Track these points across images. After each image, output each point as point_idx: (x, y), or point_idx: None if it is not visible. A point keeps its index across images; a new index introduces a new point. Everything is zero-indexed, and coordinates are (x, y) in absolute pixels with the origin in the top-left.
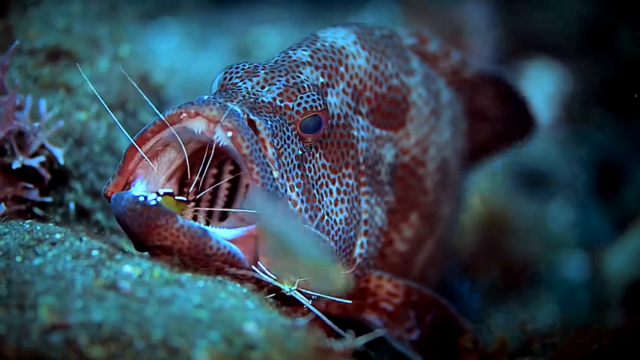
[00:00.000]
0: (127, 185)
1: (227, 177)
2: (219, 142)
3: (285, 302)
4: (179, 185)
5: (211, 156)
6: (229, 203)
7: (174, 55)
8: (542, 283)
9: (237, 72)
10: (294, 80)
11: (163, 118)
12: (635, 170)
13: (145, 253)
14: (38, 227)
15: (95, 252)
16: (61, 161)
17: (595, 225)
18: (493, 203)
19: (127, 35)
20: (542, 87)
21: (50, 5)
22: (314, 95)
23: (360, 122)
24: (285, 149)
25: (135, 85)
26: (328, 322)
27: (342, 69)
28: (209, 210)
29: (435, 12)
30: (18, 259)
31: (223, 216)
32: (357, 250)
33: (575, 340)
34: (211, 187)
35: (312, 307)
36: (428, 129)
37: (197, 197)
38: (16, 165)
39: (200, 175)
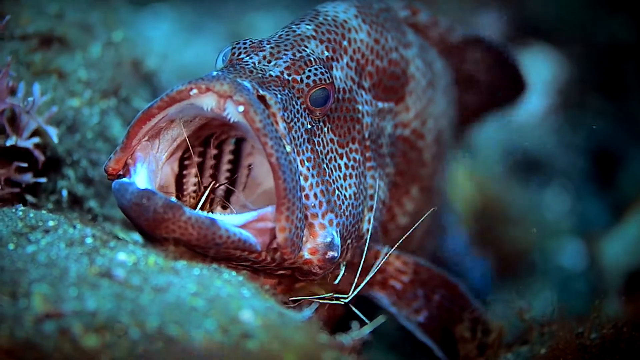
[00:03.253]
0: (126, 166)
1: (228, 157)
2: (229, 119)
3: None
4: (180, 164)
5: (213, 136)
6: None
7: (167, 41)
8: (537, 271)
9: (245, 48)
10: (300, 54)
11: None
12: (632, 157)
13: (139, 239)
14: (31, 214)
15: (89, 240)
16: (55, 140)
17: (592, 213)
18: (489, 190)
19: (120, 21)
20: (538, 73)
21: None
22: (321, 68)
23: (364, 97)
24: (295, 123)
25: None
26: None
27: (345, 42)
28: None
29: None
30: (11, 246)
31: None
32: (365, 226)
33: (574, 329)
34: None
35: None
36: (426, 100)
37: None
38: (10, 142)
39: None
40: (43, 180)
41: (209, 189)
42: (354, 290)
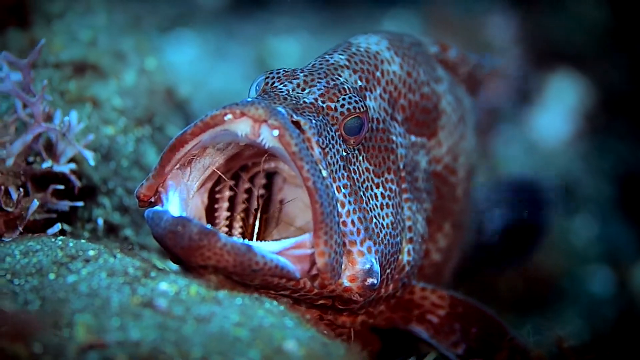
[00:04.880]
0: (158, 194)
1: (259, 192)
2: (263, 144)
3: None
4: (209, 195)
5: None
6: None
7: (192, 66)
8: (566, 298)
9: (278, 76)
10: (334, 82)
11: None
12: None
13: (178, 268)
14: (71, 244)
15: (130, 269)
16: (92, 162)
17: (620, 239)
18: None
19: (152, 48)
20: (564, 99)
21: (73, 17)
22: (355, 96)
23: (397, 129)
24: (330, 149)
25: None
26: None
27: (378, 74)
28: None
29: (458, 25)
30: (51, 276)
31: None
32: (405, 257)
33: (612, 358)
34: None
35: None
36: (458, 136)
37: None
38: (46, 165)
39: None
40: (80, 204)
41: (257, 219)
42: None
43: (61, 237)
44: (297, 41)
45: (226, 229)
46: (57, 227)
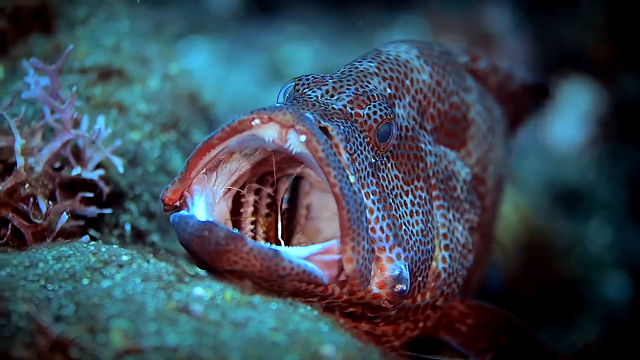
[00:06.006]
0: (183, 198)
1: (284, 195)
2: (291, 150)
3: None
4: (234, 200)
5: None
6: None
7: (204, 73)
8: (582, 303)
9: (307, 83)
10: (363, 89)
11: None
12: None
13: (204, 274)
14: (103, 249)
15: (164, 274)
16: (120, 169)
17: (635, 245)
18: (532, 223)
19: (175, 54)
20: (577, 105)
21: (97, 23)
22: (384, 103)
23: (427, 138)
24: (358, 155)
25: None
26: None
27: (407, 82)
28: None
29: (458, 22)
30: (85, 281)
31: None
32: (440, 265)
33: None
34: None
35: None
36: (487, 146)
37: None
38: (76, 172)
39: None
40: (109, 211)
41: (279, 223)
42: None
43: (93, 243)
44: (309, 48)
45: (251, 234)
46: (86, 239)
